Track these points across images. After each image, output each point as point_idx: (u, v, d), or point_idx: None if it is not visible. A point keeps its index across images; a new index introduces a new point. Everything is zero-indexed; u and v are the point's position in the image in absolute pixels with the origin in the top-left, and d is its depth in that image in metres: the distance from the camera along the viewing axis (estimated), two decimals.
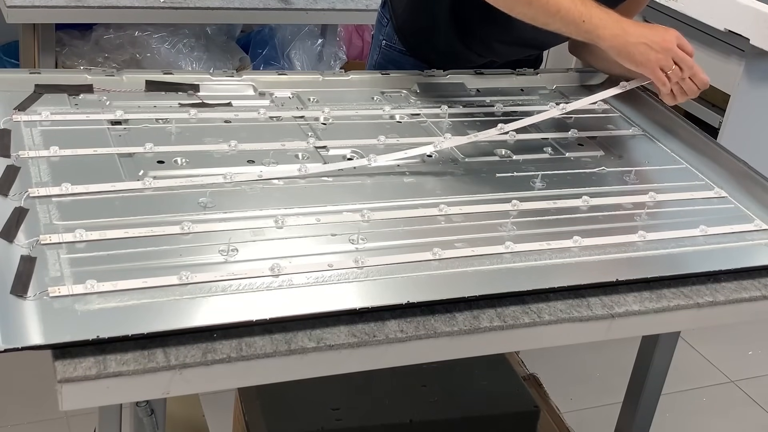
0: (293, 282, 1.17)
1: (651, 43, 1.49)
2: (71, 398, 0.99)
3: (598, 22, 1.49)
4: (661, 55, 1.49)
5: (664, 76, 1.50)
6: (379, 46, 1.89)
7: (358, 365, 1.14)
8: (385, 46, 1.87)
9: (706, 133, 1.79)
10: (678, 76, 1.51)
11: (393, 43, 1.86)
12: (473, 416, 1.79)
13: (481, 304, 1.20)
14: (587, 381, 2.65)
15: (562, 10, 1.49)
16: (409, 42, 1.84)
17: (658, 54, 1.49)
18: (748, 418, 2.63)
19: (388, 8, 1.87)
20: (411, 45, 1.83)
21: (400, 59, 1.85)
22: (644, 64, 1.50)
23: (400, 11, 1.84)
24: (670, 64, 1.49)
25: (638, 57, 1.49)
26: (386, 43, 1.87)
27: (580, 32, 1.51)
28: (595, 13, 1.49)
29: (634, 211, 1.48)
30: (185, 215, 1.27)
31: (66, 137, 1.41)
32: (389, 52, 1.87)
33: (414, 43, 1.71)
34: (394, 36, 1.85)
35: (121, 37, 2.80)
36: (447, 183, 1.48)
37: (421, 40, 1.80)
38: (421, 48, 1.66)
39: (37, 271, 1.11)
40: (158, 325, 1.05)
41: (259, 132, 1.53)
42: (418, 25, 1.82)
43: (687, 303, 1.29)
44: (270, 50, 3.13)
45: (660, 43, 1.49)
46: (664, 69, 1.50)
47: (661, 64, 1.49)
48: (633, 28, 1.51)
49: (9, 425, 2.21)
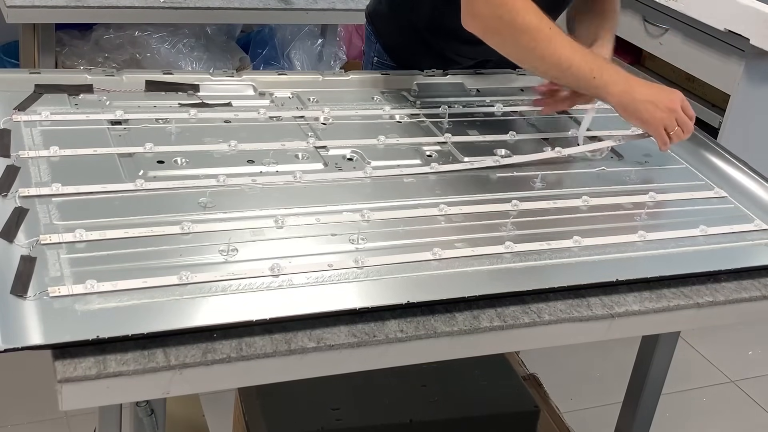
0: (293, 282, 1.17)
1: (657, 102, 1.52)
2: (71, 398, 0.99)
3: (608, 78, 1.51)
4: (666, 114, 1.52)
5: (666, 135, 1.54)
6: (371, 63, 1.92)
7: (358, 365, 1.14)
8: (377, 62, 1.90)
9: (706, 133, 1.79)
10: (679, 137, 1.55)
11: (384, 60, 1.89)
12: (473, 416, 1.79)
13: (481, 304, 1.20)
14: (587, 381, 2.65)
15: (574, 66, 1.50)
16: (399, 57, 1.86)
17: (663, 114, 1.52)
18: (748, 418, 2.63)
19: (372, 27, 1.90)
20: (401, 60, 1.86)
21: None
22: (650, 122, 1.53)
23: (385, 31, 1.86)
24: (673, 124, 1.53)
25: (644, 114, 1.52)
26: (378, 60, 1.90)
27: (590, 87, 1.53)
28: (605, 70, 1.52)
29: (634, 211, 1.48)
30: (185, 215, 1.27)
31: (66, 137, 1.41)
32: (382, 68, 1.88)
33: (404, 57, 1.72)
34: (384, 54, 1.89)
35: (121, 37, 2.80)
36: (447, 183, 1.48)
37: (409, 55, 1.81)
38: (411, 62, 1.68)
39: (37, 271, 1.11)
40: (158, 325, 1.05)
41: (259, 132, 1.53)
42: (403, 42, 1.83)
43: (687, 303, 1.29)
44: (270, 50, 3.13)
45: (666, 103, 1.52)
46: (667, 129, 1.53)
47: (665, 124, 1.53)
48: (640, 86, 1.54)
49: (9, 425, 2.21)
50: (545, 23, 1.49)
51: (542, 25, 1.48)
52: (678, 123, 1.53)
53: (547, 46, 1.49)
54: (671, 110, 1.52)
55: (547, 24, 1.49)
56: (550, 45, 1.49)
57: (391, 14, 1.68)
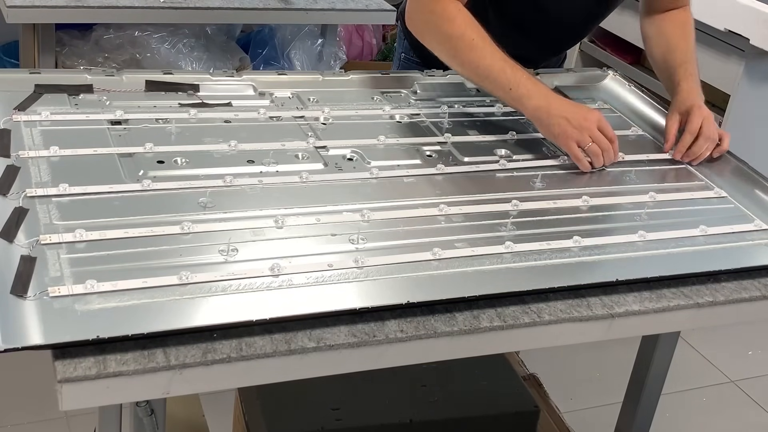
0: (293, 282, 1.17)
1: (570, 118, 1.54)
2: (71, 398, 0.99)
3: (524, 92, 1.55)
4: (577, 131, 1.54)
5: (578, 151, 1.55)
6: (399, 59, 1.98)
7: (358, 365, 1.14)
8: (404, 58, 1.96)
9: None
10: (596, 156, 1.55)
11: (410, 56, 1.94)
12: (473, 416, 1.79)
13: (481, 304, 1.20)
14: (587, 381, 2.65)
15: (491, 77, 1.56)
16: (424, 54, 1.87)
17: (575, 130, 1.54)
18: (748, 418, 2.63)
19: (402, 25, 1.94)
20: (426, 57, 1.87)
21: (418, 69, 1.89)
22: (560, 136, 1.55)
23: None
24: (586, 140, 1.54)
25: (556, 129, 1.55)
26: (404, 55, 1.96)
27: (507, 99, 1.59)
28: (522, 83, 1.55)
29: (634, 211, 1.48)
30: (185, 215, 1.27)
31: (66, 137, 1.41)
32: (407, 64, 1.94)
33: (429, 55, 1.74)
34: (410, 50, 1.94)
35: (121, 37, 2.80)
36: (447, 183, 1.48)
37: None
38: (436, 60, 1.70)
39: (37, 271, 1.11)
40: (158, 325, 1.05)
41: (259, 132, 1.53)
42: None
43: (687, 303, 1.29)
44: (270, 50, 3.13)
45: (579, 120, 1.54)
46: (580, 144, 1.54)
47: (576, 139, 1.54)
48: (557, 102, 1.57)
49: (9, 425, 2.21)
50: (470, 32, 1.55)
51: (466, 33, 1.55)
52: (594, 140, 1.54)
53: (467, 55, 1.56)
54: (584, 127, 1.54)
55: (472, 33, 1.55)
56: (471, 54, 1.56)
57: None
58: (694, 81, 1.74)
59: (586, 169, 1.56)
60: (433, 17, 1.59)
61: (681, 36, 1.81)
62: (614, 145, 1.57)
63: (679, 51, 1.78)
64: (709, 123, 1.67)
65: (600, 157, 1.56)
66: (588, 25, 1.91)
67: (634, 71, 3.31)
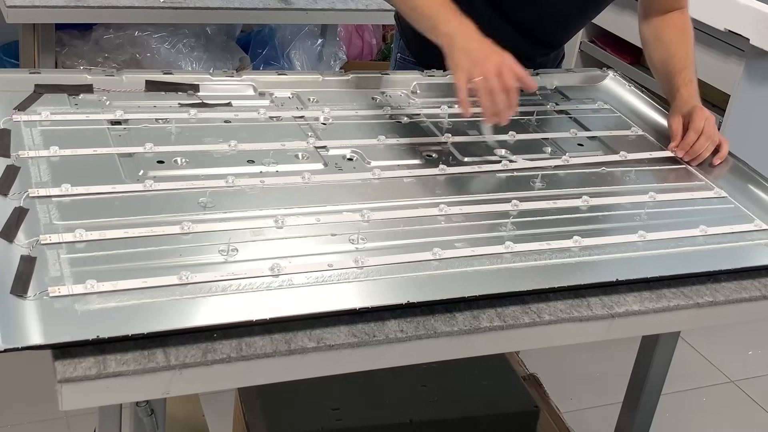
0: (293, 282, 1.17)
1: (472, 51, 1.46)
2: (71, 398, 0.99)
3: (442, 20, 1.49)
4: (473, 67, 1.44)
5: (463, 84, 1.43)
6: (395, 59, 1.98)
7: (358, 365, 1.14)
8: (400, 58, 1.96)
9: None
10: (480, 89, 1.43)
11: (406, 55, 1.94)
12: (473, 416, 1.79)
13: (481, 304, 1.20)
14: (587, 381, 2.65)
15: (419, 8, 1.54)
16: (419, 54, 1.89)
17: (471, 65, 1.44)
18: (748, 418, 2.63)
19: (398, 25, 1.96)
20: (421, 57, 1.88)
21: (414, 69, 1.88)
22: (454, 69, 1.47)
23: (408, 28, 1.88)
24: (476, 75, 1.43)
25: (454, 59, 1.47)
26: (400, 55, 1.96)
27: (428, 29, 1.53)
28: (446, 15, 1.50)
29: (634, 211, 1.48)
30: (185, 215, 1.27)
31: (66, 137, 1.41)
32: (404, 64, 1.94)
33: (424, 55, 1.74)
34: (406, 49, 1.94)
35: (121, 37, 2.80)
36: (447, 183, 1.48)
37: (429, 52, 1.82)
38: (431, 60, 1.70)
39: (37, 271, 1.11)
40: (158, 325, 1.05)
41: (259, 132, 1.53)
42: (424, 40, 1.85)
43: (687, 303, 1.29)
44: (270, 50, 3.13)
45: (479, 56, 1.45)
46: (470, 77, 1.44)
47: (467, 71, 1.44)
48: (470, 37, 1.48)
49: (9, 425, 2.21)
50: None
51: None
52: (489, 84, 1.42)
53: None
54: (479, 63, 1.43)
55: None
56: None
57: None
58: (693, 87, 1.75)
59: (466, 111, 1.44)
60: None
61: (680, 41, 1.81)
62: (511, 94, 1.43)
63: (678, 57, 1.78)
64: (710, 124, 1.67)
65: (486, 97, 1.42)
66: (581, 18, 1.90)
67: (634, 71, 3.31)
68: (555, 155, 1.61)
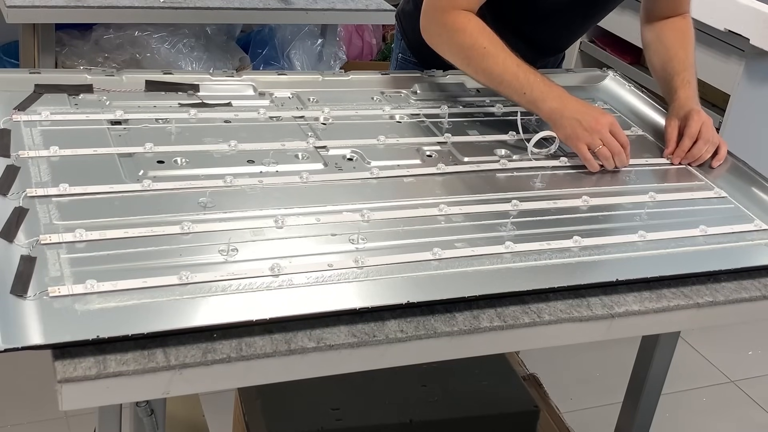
0: (293, 282, 1.17)
1: (582, 120, 1.56)
2: (71, 398, 0.99)
3: (538, 95, 1.58)
4: (587, 133, 1.55)
5: (587, 153, 1.56)
6: (396, 59, 1.99)
7: (358, 365, 1.14)
8: (401, 58, 1.97)
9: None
10: (606, 158, 1.56)
11: (407, 56, 1.95)
12: (473, 416, 1.79)
13: (481, 304, 1.20)
14: (587, 381, 2.65)
15: (505, 83, 1.60)
16: (421, 55, 1.89)
17: (585, 132, 1.55)
18: (748, 418, 2.63)
19: (399, 25, 1.97)
20: (423, 58, 1.88)
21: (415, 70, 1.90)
22: (571, 137, 1.57)
23: (409, 29, 1.89)
24: (596, 143, 1.55)
25: (567, 130, 1.56)
26: (402, 56, 1.97)
27: (522, 102, 1.61)
28: (536, 86, 1.58)
29: (634, 211, 1.48)
30: (185, 215, 1.27)
31: (66, 137, 1.41)
32: (405, 65, 1.95)
33: (426, 56, 1.75)
34: (407, 50, 1.95)
35: (121, 37, 2.80)
36: (447, 183, 1.48)
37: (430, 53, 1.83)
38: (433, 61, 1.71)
39: (37, 271, 1.11)
40: (158, 325, 1.05)
41: (259, 132, 1.53)
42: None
43: (687, 303, 1.29)
44: (270, 50, 3.13)
45: (590, 122, 1.55)
46: (590, 146, 1.55)
47: (587, 141, 1.55)
48: (571, 104, 1.58)
49: (9, 425, 2.21)
50: (482, 40, 1.59)
51: (478, 42, 1.59)
52: (604, 143, 1.55)
53: (480, 63, 1.60)
54: (594, 130, 1.55)
55: (484, 42, 1.59)
56: (484, 62, 1.59)
57: (417, 13, 1.72)
58: (692, 89, 1.75)
59: (595, 170, 1.57)
60: (445, 30, 1.62)
61: (680, 44, 1.82)
62: (626, 149, 1.58)
63: (677, 59, 1.78)
64: (707, 127, 1.67)
65: (610, 161, 1.56)
66: (588, 25, 1.92)
67: (634, 71, 3.31)
68: (555, 155, 1.61)
